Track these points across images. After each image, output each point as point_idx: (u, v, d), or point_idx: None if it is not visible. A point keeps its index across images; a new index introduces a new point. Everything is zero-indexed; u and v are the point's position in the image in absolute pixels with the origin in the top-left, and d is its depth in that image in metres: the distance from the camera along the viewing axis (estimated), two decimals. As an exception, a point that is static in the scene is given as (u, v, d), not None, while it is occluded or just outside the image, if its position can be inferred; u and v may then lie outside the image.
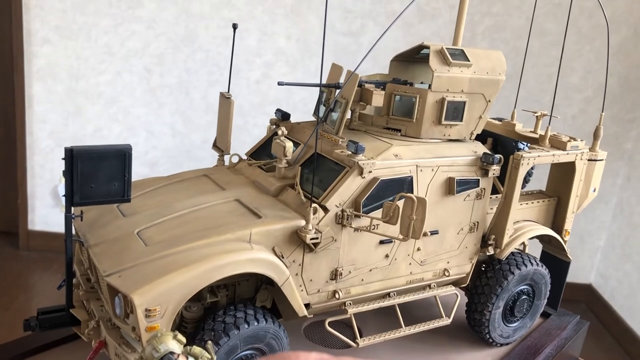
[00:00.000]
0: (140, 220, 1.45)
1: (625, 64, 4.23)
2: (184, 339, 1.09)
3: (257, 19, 4.79)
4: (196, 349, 1.10)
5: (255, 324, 1.36)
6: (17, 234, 5.62)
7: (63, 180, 5.29)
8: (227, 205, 1.51)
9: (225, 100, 1.75)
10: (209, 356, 1.11)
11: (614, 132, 4.44)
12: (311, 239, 1.41)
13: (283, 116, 1.80)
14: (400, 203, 1.37)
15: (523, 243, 1.96)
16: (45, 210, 5.73)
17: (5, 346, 1.56)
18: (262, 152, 1.78)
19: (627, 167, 4.42)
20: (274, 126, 1.77)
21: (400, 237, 1.40)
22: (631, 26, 4.16)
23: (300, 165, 1.59)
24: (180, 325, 1.43)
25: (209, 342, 1.16)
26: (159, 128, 5.53)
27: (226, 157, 1.80)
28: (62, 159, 1.33)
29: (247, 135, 4.73)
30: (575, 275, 4.82)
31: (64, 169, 1.34)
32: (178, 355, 1.06)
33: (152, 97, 5.48)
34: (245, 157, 1.81)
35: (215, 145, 1.81)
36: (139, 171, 6.41)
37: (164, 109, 5.51)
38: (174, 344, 1.06)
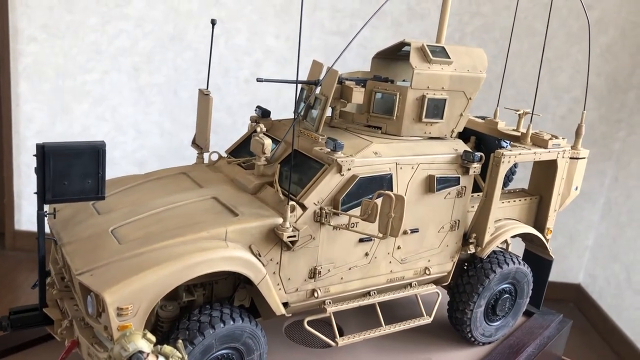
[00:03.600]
0: (115, 218, 1.43)
1: (613, 65, 4.25)
2: (153, 338, 1.07)
3: (247, 17, 4.77)
4: (167, 348, 1.08)
5: (231, 323, 1.34)
6: (4, 233, 5.57)
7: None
8: (203, 203, 1.49)
9: (204, 97, 1.73)
10: (180, 355, 1.09)
11: (602, 132, 4.45)
12: (288, 237, 1.40)
13: (263, 113, 1.78)
14: (379, 201, 1.36)
15: (506, 242, 1.95)
16: (32, 210, 5.66)
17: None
18: (242, 149, 1.76)
19: (614, 167, 4.43)
20: (254, 123, 1.75)
21: (379, 235, 1.39)
22: (619, 27, 4.18)
23: (280, 163, 1.57)
24: (155, 324, 1.41)
25: (180, 341, 1.14)
26: (147, 127, 5.50)
27: (205, 155, 1.78)
28: (34, 155, 1.31)
29: (236, 135, 4.70)
30: (563, 274, 4.83)
31: (35, 167, 1.31)
32: (147, 354, 1.04)
33: (140, 96, 5.44)
34: (225, 155, 1.79)
35: (194, 143, 1.79)
36: (127, 170, 6.35)
37: (152, 107, 5.47)
38: (143, 342, 1.04)
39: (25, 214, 5.74)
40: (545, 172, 1.88)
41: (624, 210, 4.26)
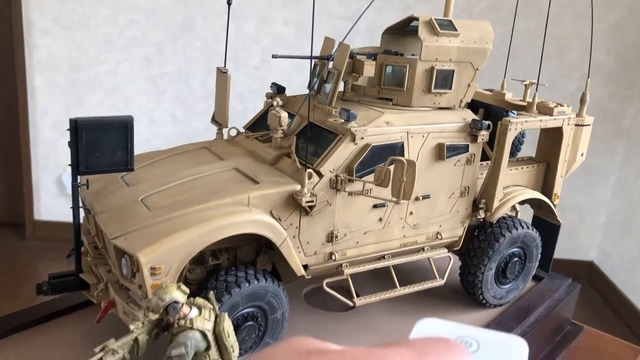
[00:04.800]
0: (143, 188, 1.52)
1: (623, 43, 4.27)
2: (187, 290, 1.15)
3: (255, 5, 4.84)
4: (199, 300, 1.17)
5: (256, 282, 1.43)
6: (24, 224, 5.71)
7: (68, 169, 5.38)
8: (226, 174, 1.57)
9: (222, 75, 1.81)
10: (212, 306, 1.18)
11: (612, 109, 4.47)
12: (307, 202, 1.48)
13: (278, 89, 1.86)
14: (392, 167, 1.43)
15: (515, 209, 2.02)
16: (51, 200, 5.80)
17: (19, 313, 1.64)
18: (259, 125, 1.84)
19: (625, 145, 4.46)
20: (270, 99, 1.83)
21: (393, 199, 1.46)
22: (627, 4, 4.19)
23: (295, 135, 1.65)
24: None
25: (211, 292, 1.23)
26: (160, 116, 5.59)
27: (224, 131, 1.86)
28: (67, 129, 1.39)
29: (247, 122, 4.79)
30: (576, 252, 4.88)
31: (69, 139, 1.40)
32: (182, 304, 1.13)
33: (152, 86, 5.53)
34: (242, 130, 1.87)
35: (213, 120, 1.87)
36: (141, 159, 6.31)
37: (164, 97, 5.56)
38: (178, 293, 1.13)
39: (44, 204, 5.87)
40: (551, 139, 1.94)
41: (635, 186, 4.29)
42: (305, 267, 1.56)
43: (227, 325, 1.17)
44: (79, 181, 1.43)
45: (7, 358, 1.52)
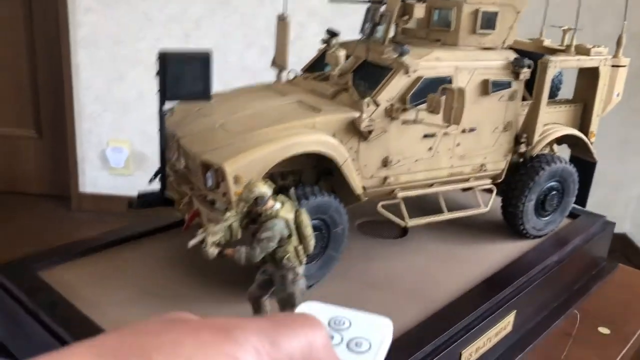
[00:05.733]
0: (218, 118, 1.70)
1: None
2: (273, 185, 1.32)
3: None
4: (281, 197, 1.34)
5: (321, 197, 1.60)
6: (69, 197, 5.99)
7: (111, 144, 5.70)
8: (291, 105, 1.74)
9: (282, 22, 1.97)
10: (292, 202, 1.35)
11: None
12: (366, 126, 1.64)
13: (333, 34, 2.01)
14: (443, 98, 1.59)
15: (552, 149, 2.15)
16: (95, 173, 6.06)
17: (108, 233, 1.85)
18: (315, 67, 2.01)
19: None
20: (325, 44, 1.99)
21: (444, 124, 1.62)
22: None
23: (352, 72, 1.81)
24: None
25: (292, 189, 1.40)
26: (198, 91, 5.77)
27: (283, 74, 2.03)
28: (156, 60, 1.57)
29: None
30: (610, 224, 4.93)
31: (156, 71, 1.58)
32: (269, 197, 1.30)
33: (191, 62, 5.71)
34: (300, 73, 2.03)
35: (274, 63, 2.04)
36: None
37: (202, 72, 5.73)
38: (265, 187, 1.30)
39: (89, 177, 6.13)
40: (588, 80, 2.07)
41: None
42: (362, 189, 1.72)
43: (306, 218, 1.34)
44: (164, 109, 1.61)
45: (98, 271, 1.72)
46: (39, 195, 6.17)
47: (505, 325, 1.74)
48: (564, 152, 2.20)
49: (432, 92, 1.71)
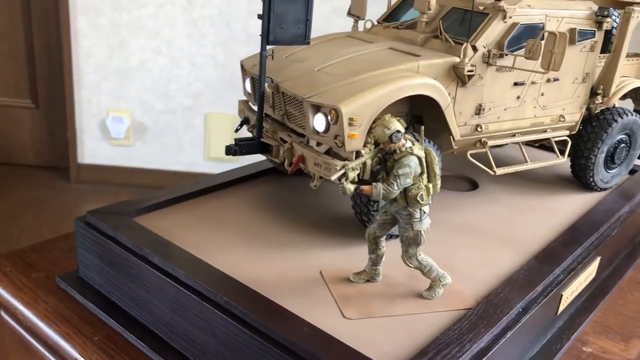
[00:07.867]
0: (315, 63, 1.66)
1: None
2: (405, 124, 1.30)
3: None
4: (409, 136, 1.33)
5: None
6: (68, 168, 5.81)
7: (111, 114, 5.57)
8: (384, 52, 1.71)
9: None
10: (421, 140, 1.34)
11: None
12: (468, 71, 1.63)
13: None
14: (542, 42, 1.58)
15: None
16: (94, 144, 5.89)
17: (197, 182, 1.83)
18: (393, 17, 1.98)
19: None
20: (406, -7, 1.96)
21: (543, 70, 1.62)
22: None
23: (440, 19, 1.79)
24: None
25: (422, 127, 1.38)
26: (202, 60, 5.64)
27: (360, 24, 1.99)
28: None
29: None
30: None
31: (260, 12, 1.53)
32: (403, 134, 1.28)
33: (194, 29, 5.57)
34: (376, 23, 2.00)
35: (350, 13, 2.00)
36: (183, 102, 6.56)
37: (205, 40, 5.61)
38: (399, 125, 1.28)
39: (88, 148, 5.95)
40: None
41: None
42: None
43: (436, 157, 1.33)
44: (266, 51, 1.56)
45: (191, 218, 1.68)
46: (36, 167, 5.97)
47: (592, 271, 1.78)
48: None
49: (527, 38, 1.71)
